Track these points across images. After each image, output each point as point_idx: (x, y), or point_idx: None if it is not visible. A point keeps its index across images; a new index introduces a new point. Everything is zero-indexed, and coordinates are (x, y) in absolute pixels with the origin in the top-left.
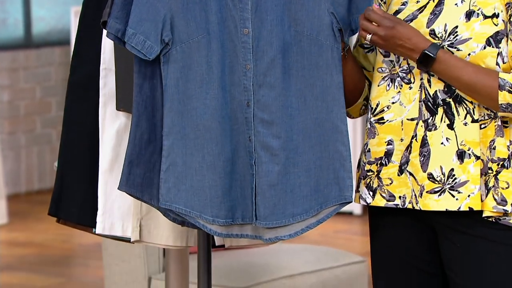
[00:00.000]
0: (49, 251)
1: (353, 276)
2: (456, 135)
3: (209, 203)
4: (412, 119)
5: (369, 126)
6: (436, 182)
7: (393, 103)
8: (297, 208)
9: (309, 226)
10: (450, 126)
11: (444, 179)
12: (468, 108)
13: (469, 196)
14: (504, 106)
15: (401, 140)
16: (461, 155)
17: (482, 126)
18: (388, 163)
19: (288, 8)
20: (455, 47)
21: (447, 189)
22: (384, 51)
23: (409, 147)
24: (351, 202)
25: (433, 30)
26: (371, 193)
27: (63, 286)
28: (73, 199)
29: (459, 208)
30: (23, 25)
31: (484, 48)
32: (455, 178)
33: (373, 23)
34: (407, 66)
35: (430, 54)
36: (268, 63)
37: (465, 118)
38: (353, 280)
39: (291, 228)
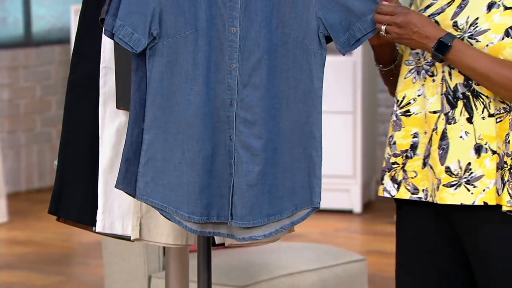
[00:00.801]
0: (49, 250)
1: (353, 275)
2: (474, 129)
3: (185, 200)
4: (435, 112)
5: (394, 118)
6: (453, 176)
7: (418, 95)
8: (273, 209)
9: (283, 227)
10: (469, 120)
11: (461, 173)
12: (484, 103)
13: (484, 190)
14: None
15: (425, 133)
16: (478, 150)
17: (498, 120)
18: (413, 155)
19: (277, 9)
20: (474, 39)
21: (463, 183)
22: None
23: (430, 140)
24: (319, 208)
25: (456, 22)
26: (395, 185)
27: (63, 284)
28: (73, 198)
29: (474, 202)
30: (23, 23)
31: (502, 39)
32: (472, 172)
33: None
34: (431, 58)
35: (446, 42)
36: (254, 64)
37: (482, 113)
38: (353, 279)
39: (266, 229)
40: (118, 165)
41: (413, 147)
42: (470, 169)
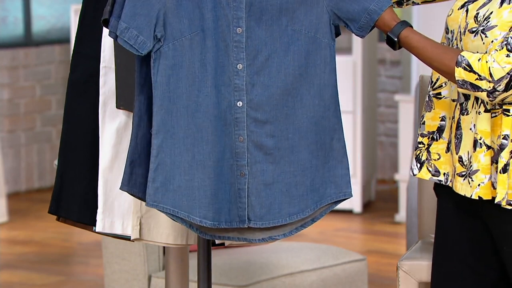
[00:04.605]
0: (49, 249)
1: (353, 274)
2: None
3: (197, 204)
4: (453, 100)
5: (427, 99)
6: (463, 166)
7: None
8: (294, 208)
9: (303, 225)
10: (479, 113)
11: (468, 165)
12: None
13: (479, 185)
14: (461, 82)
15: (451, 118)
16: (475, 144)
17: (493, 115)
18: (439, 138)
19: (286, 7)
20: (484, 33)
21: (468, 174)
22: (446, 26)
23: (451, 127)
24: (351, 197)
25: (478, 13)
26: (418, 165)
27: (63, 284)
28: (73, 197)
29: (471, 195)
30: (23, 23)
31: None
32: (471, 166)
33: None
34: (457, 46)
35: (396, 32)
36: (262, 63)
37: (479, 107)
38: (353, 278)
39: (286, 228)
40: (118, 165)
41: (440, 130)
42: (471, 162)
